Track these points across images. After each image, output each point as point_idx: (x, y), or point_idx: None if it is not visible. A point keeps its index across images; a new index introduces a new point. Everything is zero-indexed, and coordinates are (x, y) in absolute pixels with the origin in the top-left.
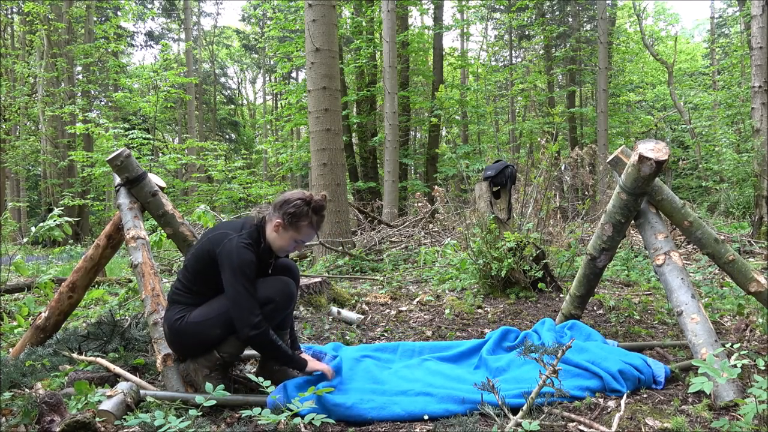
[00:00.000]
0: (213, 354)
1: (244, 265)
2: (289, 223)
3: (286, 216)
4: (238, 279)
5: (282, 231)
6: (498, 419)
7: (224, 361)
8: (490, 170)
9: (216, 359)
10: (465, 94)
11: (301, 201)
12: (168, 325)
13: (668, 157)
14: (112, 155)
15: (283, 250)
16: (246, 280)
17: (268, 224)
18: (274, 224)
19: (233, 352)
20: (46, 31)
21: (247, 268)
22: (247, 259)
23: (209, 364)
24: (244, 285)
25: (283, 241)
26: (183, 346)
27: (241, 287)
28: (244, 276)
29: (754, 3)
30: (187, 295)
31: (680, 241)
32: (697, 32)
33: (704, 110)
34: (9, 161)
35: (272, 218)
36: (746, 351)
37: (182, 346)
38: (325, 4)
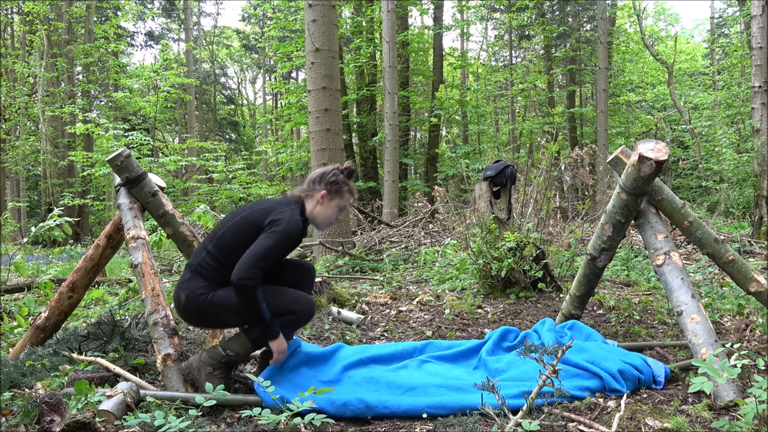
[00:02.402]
0: (218, 351)
1: (288, 236)
2: (333, 192)
3: (328, 185)
4: (272, 242)
5: (327, 201)
6: (498, 419)
7: (229, 360)
8: (490, 170)
9: (221, 357)
10: (465, 94)
11: (336, 170)
12: (187, 295)
13: (668, 157)
14: (112, 155)
15: (329, 219)
16: (276, 250)
17: (309, 200)
18: (318, 197)
19: (240, 351)
20: (46, 31)
21: (289, 240)
22: (296, 234)
23: (213, 362)
24: (272, 249)
25: (330, 210)
26: (197, 318)
27: (269, 249)
28: (280, 244)
29: (754, 3)
30: (216, 271)
31: (680, 241)
32: (697, 32)
33: (704, 110)
34: (9, 161)
35: (313, 193)
36: (746, 351)
37: (196, 319)
38: (325, 4)
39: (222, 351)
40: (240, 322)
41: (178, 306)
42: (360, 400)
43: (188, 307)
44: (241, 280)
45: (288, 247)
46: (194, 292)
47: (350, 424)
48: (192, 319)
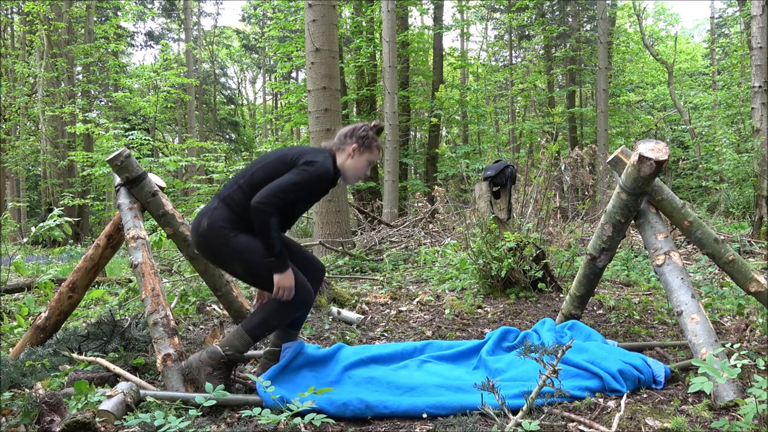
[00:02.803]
0: (217, 351)
1: (317, 179)
2: (363, 145)
3: (359, 140)
4: (300, 178)
5: (358, 154)
6: (498, 419)
7: (228, 360)
8: (490, 170)
9: (220, 357)
10: (465, 94)
11: (365, 126)
12: (210, 223)
13: (668, 157)
14: (112, 155)
15: (358, 173)
16: (301, 187)
17: (340, 154)
18: (349, 151)
19: (238, 346)
20: (46, 31)
21: (316, 184)
22: (324, 180)
23: (213, 362)
24: (298, 185)
25: (360, 164)
26: (207, 249)
27: (294, 184)
28: (306, 183)
29: (754, 3)
30: (243, 206)
31: (680, 241)
32: (697, 32)
33: (704, 110)
34: (9, 161)
35: (345, 147)
36: (746, 351)
37: (206, 249)
38: (325, 4)
39: (221, 351)
40: (244, 274)
41: (195, 231)
42: (360, 400)
43: (205, 236)
44: (259, 204)
45: (313, 192)
46: (217, 223)
47: (350, 424)
48: (203, 249)
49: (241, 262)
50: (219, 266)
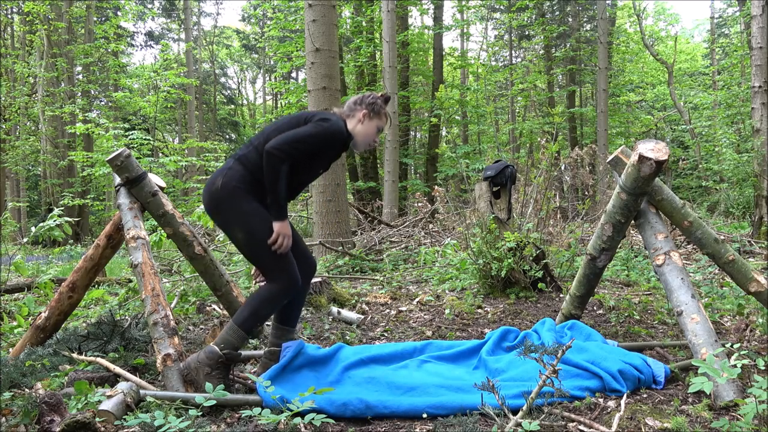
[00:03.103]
0: (214, 351)
1: (330, 135)
2: (373, 112)
3: (369, 107)
4: (314, 131)
5: (368, 120)
6: (498, 419)
7: (226, 359)
8: (490, 170)
9: (217, 356)
10: (465, 94)
11: (373, 95)
12: (224, 182)
13: (668, 157)
14: (112, 155)
15: (368, 139)
16: (315, 139)
17: (350, 120)
18: (359, 116)
19: (233, 341)
20: (46, 31)
21: (329, 139)
22: (338, 137)
23: (210, 362)
24: (312, 137)
25: (369, 130)
26: (216, 208)
27: (309, 135)
28: (320, 136)
29: (754, 3)
30: (258, 166)
31: (680, 241)
32: (697, 32)
33: (704, 110)
34: (9, 161)
35: (355, 113)
36: (746, 351)
37: (215, 208)
38: (325, 4)
39: (217, 349)
40: (242, 241)
41: (208, 191)
42: (360, 400)
43: (218, 195)
44: (272, 149)
45: (325, 150)
46: (231, 182)
47: (350, 424)
48: (212, 207)
49: (243, 226)
50: (222, 228)
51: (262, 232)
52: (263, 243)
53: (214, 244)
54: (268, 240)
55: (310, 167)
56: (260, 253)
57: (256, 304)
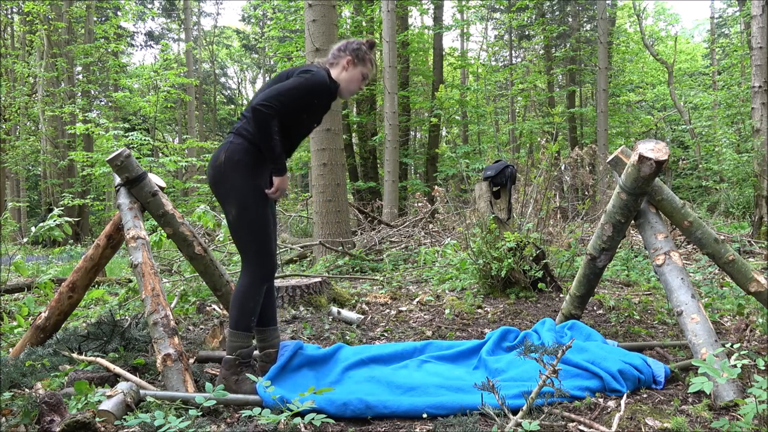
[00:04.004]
0: (229, 359)
1: (314, 84)
2: (357, 58)
3: (353, 53)
4: (297, 83)
5: (352, 67)
6: (498, 419)
7: (242, 359)
8: (490, 170)
9: (234, 361)
10: (465, 94)
11: (357, 41)
12: (228, 156)
13: (668, 157)
14: (112, 155)
15: (353, 86)
16: (299, 91)
17: (335, 68)
18: (343, 63)
19: (240, 344)
20: (46, 31)
21: (314, 88)
22: (322, 86)
23: (231, 370)
24: (295, 89)
25: (354, 76)
26: (218, 183)
27: (292, 88)
28: (303, 87)
29: (754, 3)
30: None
31: (680, 241)
32: (697, 32)
33: (704, 110)
34: (9, 161)
35: (339, 60)
36: (746, 351)
37: (218, 183)
38: (325, 4)
39: (231, 357)
40: (232, 218)
41: (212, 165)
42: (360, 400)
43: (221, 169)
44: (258, 106)
45: (312, 101)
46: (235, 156)
47: (350, 424)
48: (215, 182)
49: (238, 204)
50: (220, 203)
51: (253, 215)
52: (250, 226)
53: (214, 244)
54: (255, 224)
55: (301, 122)
56: (244, 235)
57: (239, 302)
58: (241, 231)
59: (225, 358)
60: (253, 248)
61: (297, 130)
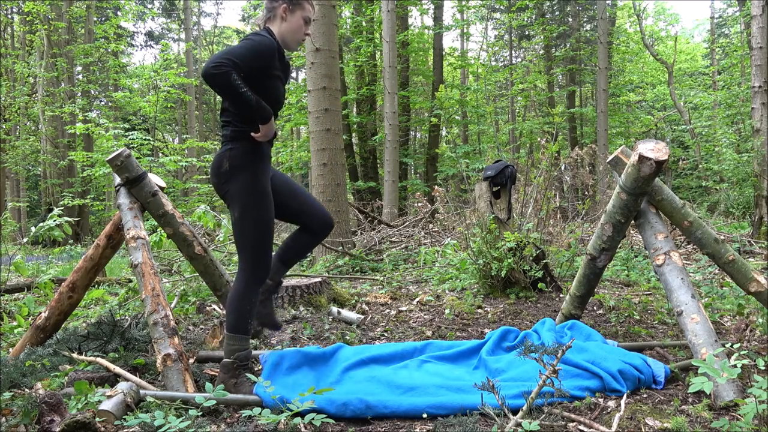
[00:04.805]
0: (227, 363)
1: (257, 43)
2: (293, 3)
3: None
4: (240, 45)
5: (290, 15)
6: (498, 419)
7: (240, 362)
8: (490, 170)
9: (232, 365)
10: (465, 94)
11: None
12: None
13: (668, 157)
14: (112, 155)
15: (298, 34)
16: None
17: (273, 22)
18: (280, 14)
19: (238, 347)
20: (46, 31)
21: (258, 47)
22: (266, 42)
23: (230, 373)
24: (240, 48)
25: (296, 23)
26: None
27: (236, 48)
28: (248, 46)
29: (754, 3)
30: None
31: (680, 241)
32: (697, 32)
33: (704, 110)
34: (9, 161)
35: (275, 12)
36: (746, 351)
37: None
38: (325, 4)
39: (229, 361)
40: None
41: (216, 172)
42: (360, 400)
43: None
44: (210, 68)
45: (261, 60)
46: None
47: (350, 424)
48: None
49: (241, 202)
50: (227, 204)
51: (255, 216)
52: (250, 228)
53: (214, 244)
54: (258, 226)
55: (263, 87)
56: (243, 237)
57: (235, 305)
58: (242, 231)
59: (223, 361)
60: (247, 250)
61: (265, 99)
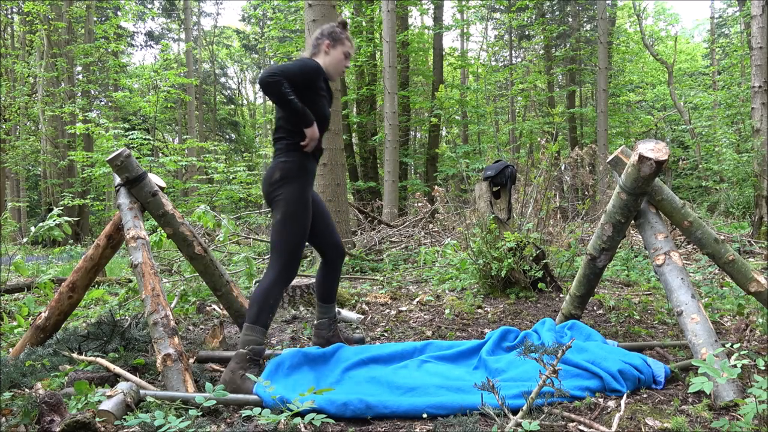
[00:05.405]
0: (241, 353)
1: (304, 63)
2: (335, 39)
3: (329, 36)
4: (291, 63)
5: (332, 49)
6: (498, 419)
7: (253, 355)
8: (490, 170)
9: (245, 356)
10: (465, 94)
11: (331, 25)
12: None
13: (668, 157)
14: (112, 155)
15: (340, 66)
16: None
17: (319, 55)
18: (324, 48)
19: (255, 339)
20: (46, 31)
21: (306, 67)
22: (314, 66)
23: (241, 363)
24: (293, 66)
25: (337, 57)
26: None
27: (290, 65)
28: (298, 66)
29: (754, 3)
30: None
31: (680, 241)
32: (697, 32)
33: (704, 110)
34: (9, 161)
35: (320, 46)
36: (746, 351)
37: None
38: (325, 4)
39: (243, 351)
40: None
41: (268, 181)
42: (360, 400)
43: (277, 185)
44: (265, 78)
45: (309, 77)
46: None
47: (350, 424)
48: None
49: (286, 209)
50: (272, 210)
51: (297, 223)
52: (289, 234)
53: (214, 244)
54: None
55: (310, 102)
56: (281, 240)
57: (261, 297)
58: (281, 235)
59: (238, 351)
60: (281, 251)
61: (312, 113)
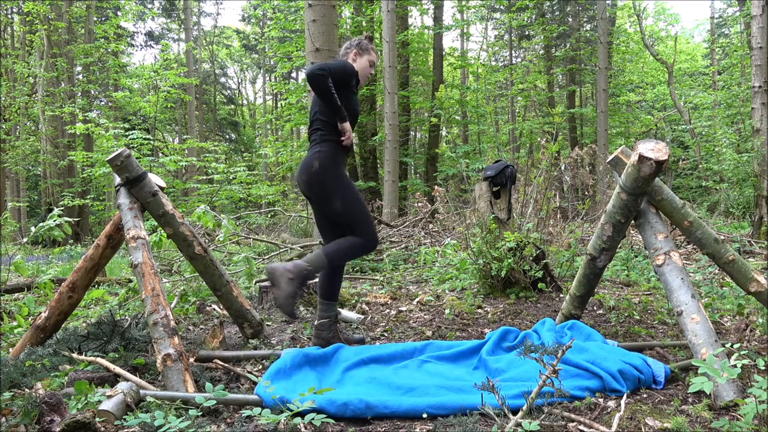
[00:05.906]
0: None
1: (344, 63)
2: (361, 49)
3: (357, 47)
4: (333, 63)
5: (360, 57)
6: (498, 419)
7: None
8: (490, 170)
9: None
10: (465, 94)
11: (358, 38)
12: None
13: (668, 157)
14: (112, 155)
15: (365, 72)
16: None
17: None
18: (352, 56)
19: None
20: (46, 31)
21: (345, 66)
22: (350, 69)
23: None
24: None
25: (363, 65)
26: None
27: (331, 64)
28: (338, 65)
29: (754, 3)
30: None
31: (680, 241)
32: (697, 32)
33: (704, 110)
34: (9, 161)
35: (348, 54)
36: (746, 351)
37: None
38: (325, 4)
39: (305, 264)
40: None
41: (306, 171)
42: (361, 400)
43: (317, 176)
44: (314, 72)
45: (347, 77)
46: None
47: (350, 424)
48: (311, 185)
49: (341, 198)
50: (322, 202)
51: (355, 200)
52: (356, 207)
53: (214, 244)
54: (359, 205)
55: (345, 98)
56: (355, 215)
57: (345, 245)
58: (349, 215)
59: (299, 261)
60: (361, 223)
61: (345, 107)
